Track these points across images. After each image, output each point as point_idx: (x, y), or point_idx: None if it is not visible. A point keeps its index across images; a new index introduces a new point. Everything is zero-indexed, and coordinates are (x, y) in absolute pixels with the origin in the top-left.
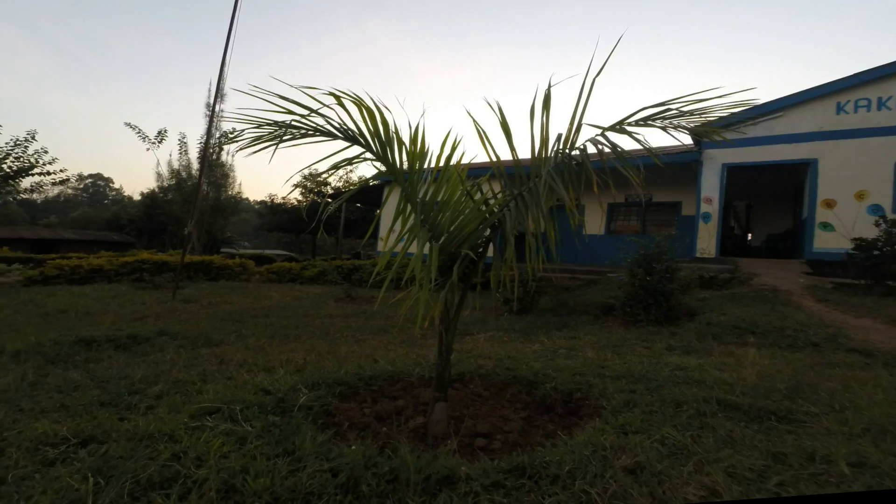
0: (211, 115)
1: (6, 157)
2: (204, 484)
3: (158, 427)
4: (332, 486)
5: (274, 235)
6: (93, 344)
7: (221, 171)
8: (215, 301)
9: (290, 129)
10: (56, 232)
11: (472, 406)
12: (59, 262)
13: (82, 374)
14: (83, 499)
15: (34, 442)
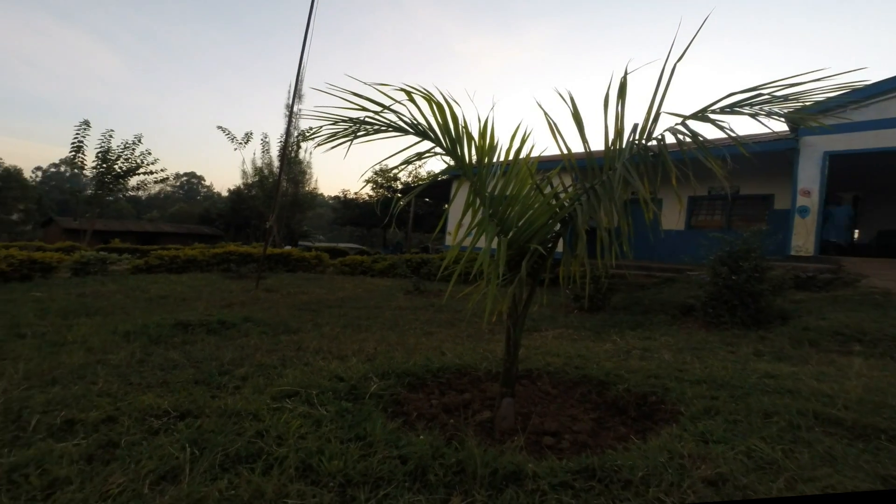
0: (290, 115)
1: (118, 159)
2: (284, 461)
3: (244, 406)
4: (400, 473)
5: (347, 229)
6: (188, 327)
7: (299, 168)
8: (293, 291)
9: (364, 125)
10: (157, 225)
11: (539, 404)
12: (160, 252)
13: (180, 354)
14: (181, 466)
15: (141, 413)
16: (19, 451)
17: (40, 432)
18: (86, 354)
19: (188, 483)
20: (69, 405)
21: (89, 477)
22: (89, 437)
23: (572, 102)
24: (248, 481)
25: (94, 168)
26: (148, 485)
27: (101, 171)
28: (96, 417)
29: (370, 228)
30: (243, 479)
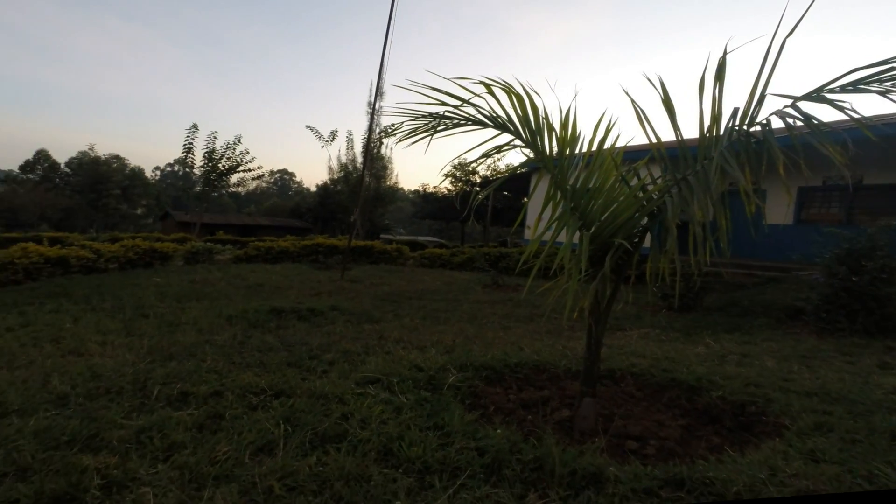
0: (372, 112)
1: (221, 158)
2: (367, 444)
3: (331, 389)
4: (477, 465)
5: (426, 223)
6: (282, 313)
7: (381, 164)
8: (375, 282)
9: (444, 119)
10: (254, 219)
11: (623, 406)
12: (257, 244)
13: (274, 338)
14: (277, 441)
15: (242, 389)
16: (145, 416)
17: (161, 401)
18: (196, 334)
19: (282, 456)
20: (183, 379)
21: (200, 443)
22: (200, 408)
23: (663, 88)
24: (334, 460)
25: (201, 167)
26: (248, 455)
27: (207, 169)
28: (205, 391)
29: (449, 222)
30: (330, 458)
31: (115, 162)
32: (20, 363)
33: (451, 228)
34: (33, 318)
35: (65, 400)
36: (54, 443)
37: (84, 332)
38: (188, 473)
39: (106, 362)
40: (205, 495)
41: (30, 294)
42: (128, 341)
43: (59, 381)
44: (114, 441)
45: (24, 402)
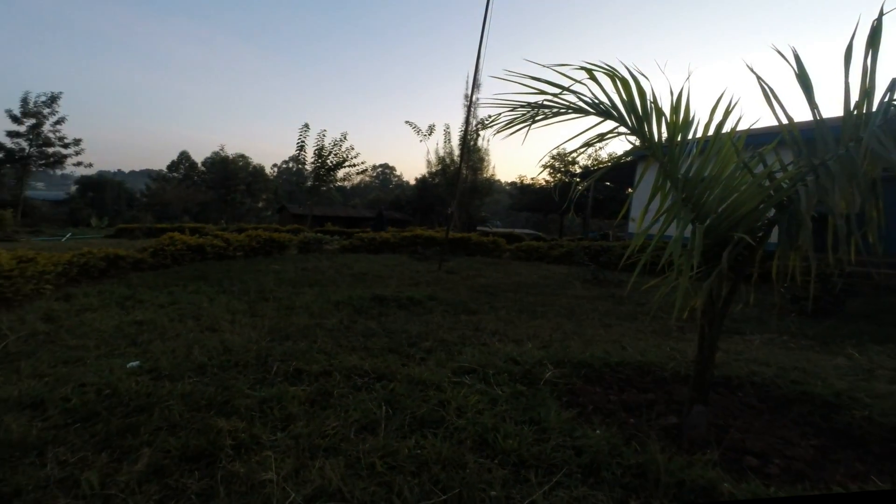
0: (468, 105)
1: (329, 154)
2: (462, 432)
3: (429, 377)
4: (575, 464)
5: (523, 215)
6: (383, 301)
7: (478, 156)
8: (472, 274)
9: (542, 108)
10: (358, 211)
11: (740, 417)
12: (361, 235)
13: (377, 324)
14: (379, 421)
15: (348, 371)
16: (266, 389)
17: (279, 376)
18: (308, 318)
19: (384, 436)
20: (298, 357)
21: (312, 417)
22: (311, 385)
23: (797, 60)
24: (431, 444)
25: (312, 163)
26: (353, 432)
27: (317, 165)
28: (316, 370)
29: (547, 214)
30: (428, 442)
31: (241, 160)
32: (170, 335)
33: (548, 221)
34: (178, 297)
35: (203, 369)
36: (195, 405)
37: (217, 311)
38: (302, 443)
39: (235, 339)
40: (316, 464)
41: (175, 276)
42: (252, 321)
43: (199, 352)
44: (241, 408)
45: (173, 368)
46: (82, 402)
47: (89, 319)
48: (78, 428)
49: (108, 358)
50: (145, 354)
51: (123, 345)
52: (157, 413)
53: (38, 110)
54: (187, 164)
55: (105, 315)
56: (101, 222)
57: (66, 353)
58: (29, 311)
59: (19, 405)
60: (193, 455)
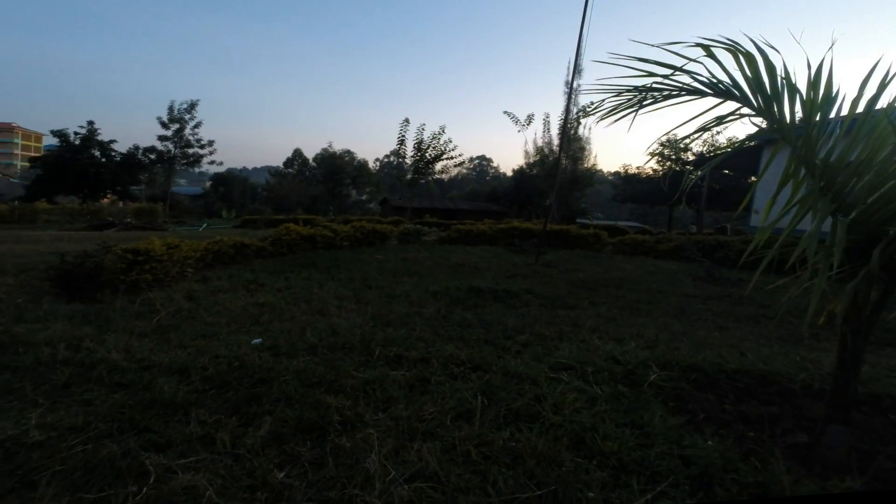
0: (569, 92)
1: (428, 148)
2: (559, 429)
3: (525, 370)
4: (682, 475)
5: (627, 207)
6: (479, 293)
7: (578, 145)
8: (570, 268)
9: (651, 91)
10: (455, 203)
11: (892, 444)
12: (458, 227)
13: (473, 315)
14: (474, 410)
15: (445, 359)
16: (368, 371)
17: (381, 360)
18: (408, 306)
19: (479, 425)
20: (398, 343)
21: (411, 401)
22: (410, 370)
23: None
24: (527, 438)
25: (411, 156)
26: (450, 419)
27: (416, 158)
28: (415, 356)
29: (653, 206)
30: (523, 435)
31: (347, 156)
32: (286, 317)
33: (655, 213)
34: (293, 282)
35: (314, 349)
36: (308, 382)
37: (326, 297)
38: (402, 425)
39: (341, 322)
40: (414, 446)
41: (290, 263)
42: (357, 307)
43: (311, 333)
44: (347, 388)
45: (289, 347)
46: (217, 372)
47: (221, 300)
48: (214, 393)
49: (236, 334)
50: (266, 333)
51: (248, 323)
52: (276, 386)
53: (180, 116)
54: (300, 161)
55: (234, 296)
56: (229, 214)
57: (204, 328)
58: (175, 291)
59: (169, 370)
60: (306, 426)
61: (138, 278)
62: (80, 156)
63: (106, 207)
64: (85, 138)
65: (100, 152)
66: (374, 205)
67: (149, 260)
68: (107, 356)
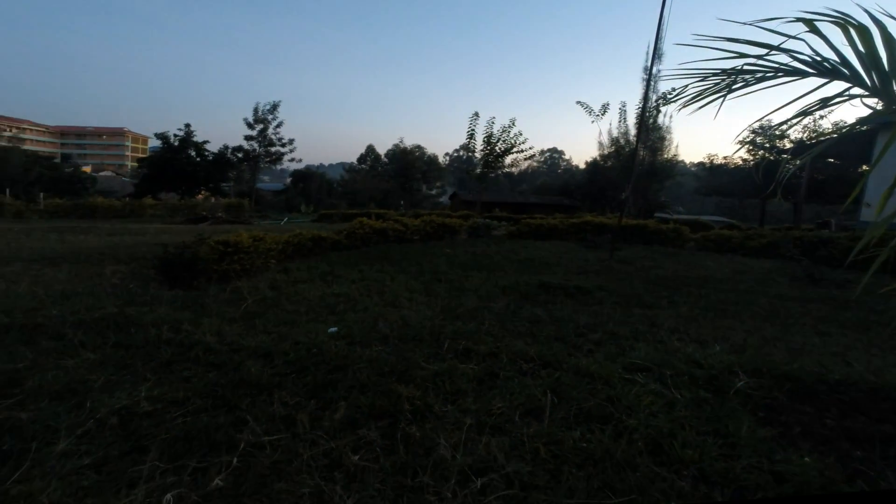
0: (647, 78)
1: (498, 141)
2: (633, 433)
3: (597, 370)
4: (773, 492)
5: (712, 200)
6: (550, 289)
7: (657, 135)
8: (648, 265)
9: (741, 74)
10: (526, 197)
11: None
12: (528, 221)
13: (543, 311)
14: (543, 408)
15: (514, 355)
16: (438, 363)
17: (450, 353)
18: (477, 300)
19: (548, 423)
20: (467, 337)
21: (479, 395)
22: (479, 364)
23: None
24: (599, 440)
25: (481, 150)
26: (518, 415)
27: (485, 152)
28: (484, 350)
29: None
30: (595, 437)
31: (418, 151)
32: (360, 308)
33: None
34: (366, 274)
35: (386, 340)
36: (380, 371)
37: (397, 289)
38: (470, 418)
39: (412, 314)
40: (483, 440)
41: (364, 256)
42: (427, 300)
43: (383, 324)
44: (417, 378)
45: (363, 337)
46: (297, 357)
47: (301, 289)
48: (294, 377)
49: (314, 322)
50: (341, 322)
51: (325, 313)
52: (350, 373)
53: (264, 117)
54: (373, 156)
55: (312, 287)
56: (308, 208)
57: (285, 315)
58: (260, 280)
59: (255, 354)
60: (378, 413)
61: (228, 268)
62: (178, 156)
63: (200, 203)
64: (183, 140)
65: (195, 152)
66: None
67: (237, 251)
68: (202, 338)
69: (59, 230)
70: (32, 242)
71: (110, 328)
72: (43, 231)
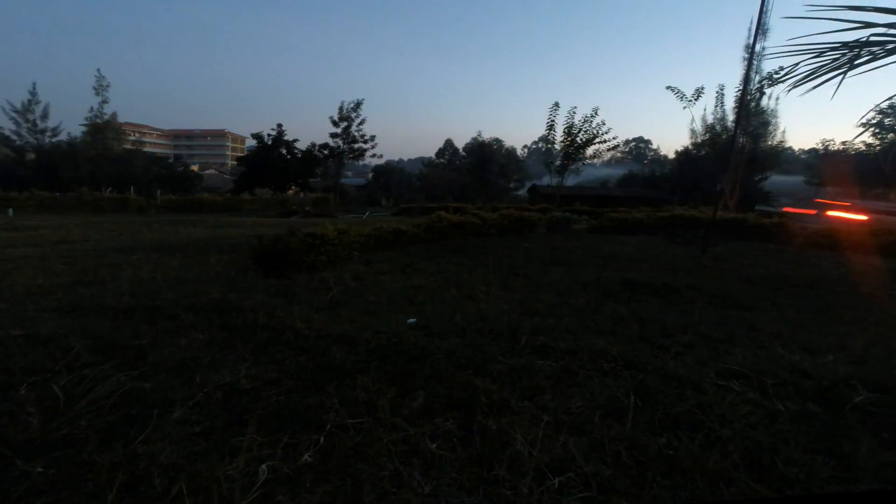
0: (749, 57)
1: (579, 132)
2: (727, 444)
3: (686, 374)
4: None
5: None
6: (634, 286)
7: (760, 119)
8: (746, 263)
9: (867, 47)
10: (608, 190)
11: None
12: (611, 215)
13: (626, 309)
14: (625, 410)
15: (594, 353)
16: (515, 358)
17: (527, 349)
18: (556, 296)
19: (631, 427)
20: (545, 333)
21: (557, 392)
22: (558, 361)
23: None
24: (687, 448)
25: (560, 142)
26: (598, 416)
27: (566, 143)
28: (563, 347)
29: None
30: (682, 445)
31: (496, 144)
32: (437, 300)
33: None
34: (444, 267)
35: (463, 332)
36: (457, 363)
37: (475, 282)
38: (548, 415)
39: (489, 308)
40: (560, 438)
41: (442, 249)
42: (504, 294)
43: (460, 317)
44: (494, 372)
45: (440, 328)
46: (378, 345)
47: (382, 281)
48: (375, 365)
49: (394, 313)
50: (420, 313)
51: (404, 304)
52: (428, 363)
53: (348, 115)
54: (451, 151)
55: (392, 278)
56: (388, 202)
57: (367, 305)
58: (344, 271)
59: (340, 341)
60: (455, 404)
61: (315, 259)
62: (271, 154)
63: (290, 197)
64: (275, 139)
65: (286, 150)
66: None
67: (324, 243)
68: (293, 324)
69: (173, 223)
70: (152, 233)
71: (215, 311)
72: (160, 224)
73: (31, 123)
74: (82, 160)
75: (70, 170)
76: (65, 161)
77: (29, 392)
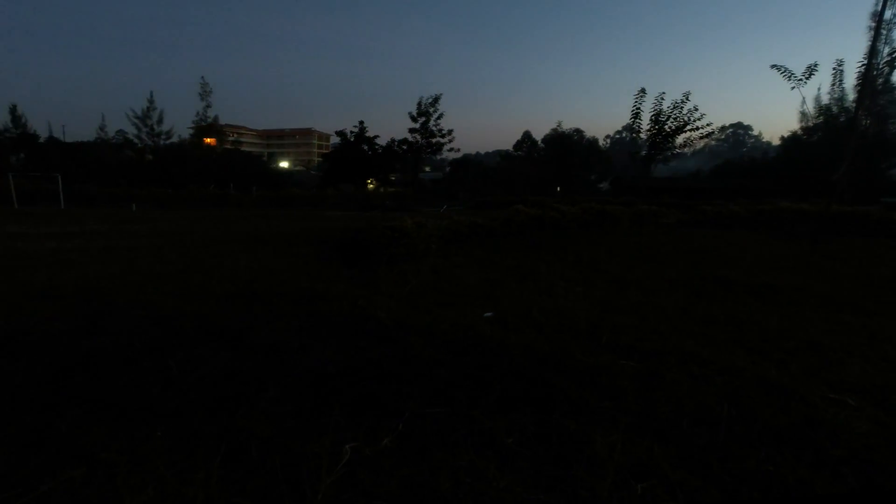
0: (877, 26)
1: (668, 119)
2: (843, 466)
3: (790, 384)
4: None
5: None
6: (728, 285)
7: (888, 98)
8: (866, 262)
9: None
10: (700, 181)
11: None
12: (703, 207)
13: (719, 310)
14: (717, 418)
15: (682, 356)
16: (594, 357)
17: (608, 347)
18: (639, 294)
19: (724, 437)
20: (628, 332)
21: (640, 394)
22: (642, 363)
23: None
24: (793, 469)
25: (647, 130)
26: (687, 423)
27: (653, 132)
28: (647, 348)
29: None
30: (787, 464)
31: (576, 135)
32: (514, 294)
33: None
34: (521, 261)
35: (540, 328)
36: (533, 358)
37: (553, 278)
38: (630, 418)
39: (568, 305)
40: (644, 443)
41: (519, 243)
42: (584, 290)
43: (537, 312)
44: (572, 370)
45: (517, 323)
46: (455, 338)
47: (458, 274)
48: (452, 356)
49: (471, 306)
50: (496, 307)
51: (480, 297)
52: (505, 358)
53: (426, 110)
54: (529, 143)
55: (468, 272)
56: (465, 196)
57: (445, 297)
58: (422, 263)
59: (418, 332)
60: (532, 400)
61: (395, 251)
62: (353, 150)
63: (371, 192)
64: (357, 136)
65: (367, 146)
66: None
67: (403, 236)
68: (374, 314)
69: (266, 216)
70: (247, 227)
71: (303, 299)
72: (255, 217)
73: (149, 128)
74: (190, 160)
75: (180, 168)
76: (176, 161)
77: (150, 366)
